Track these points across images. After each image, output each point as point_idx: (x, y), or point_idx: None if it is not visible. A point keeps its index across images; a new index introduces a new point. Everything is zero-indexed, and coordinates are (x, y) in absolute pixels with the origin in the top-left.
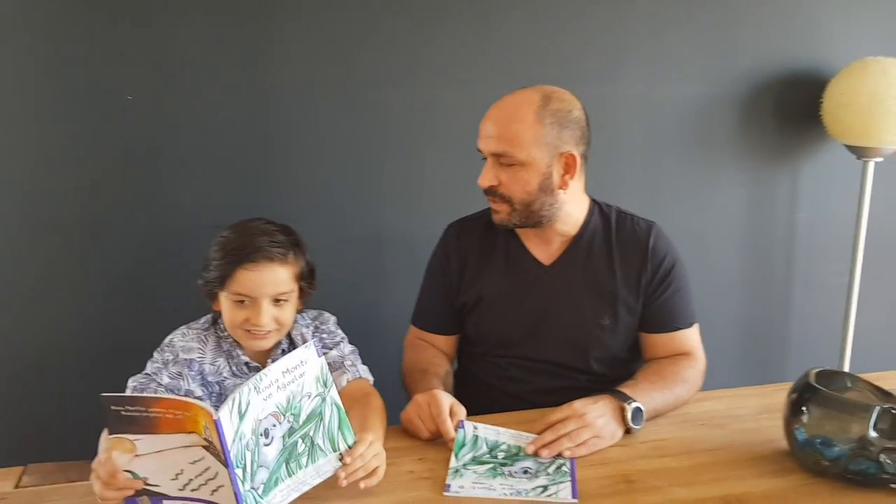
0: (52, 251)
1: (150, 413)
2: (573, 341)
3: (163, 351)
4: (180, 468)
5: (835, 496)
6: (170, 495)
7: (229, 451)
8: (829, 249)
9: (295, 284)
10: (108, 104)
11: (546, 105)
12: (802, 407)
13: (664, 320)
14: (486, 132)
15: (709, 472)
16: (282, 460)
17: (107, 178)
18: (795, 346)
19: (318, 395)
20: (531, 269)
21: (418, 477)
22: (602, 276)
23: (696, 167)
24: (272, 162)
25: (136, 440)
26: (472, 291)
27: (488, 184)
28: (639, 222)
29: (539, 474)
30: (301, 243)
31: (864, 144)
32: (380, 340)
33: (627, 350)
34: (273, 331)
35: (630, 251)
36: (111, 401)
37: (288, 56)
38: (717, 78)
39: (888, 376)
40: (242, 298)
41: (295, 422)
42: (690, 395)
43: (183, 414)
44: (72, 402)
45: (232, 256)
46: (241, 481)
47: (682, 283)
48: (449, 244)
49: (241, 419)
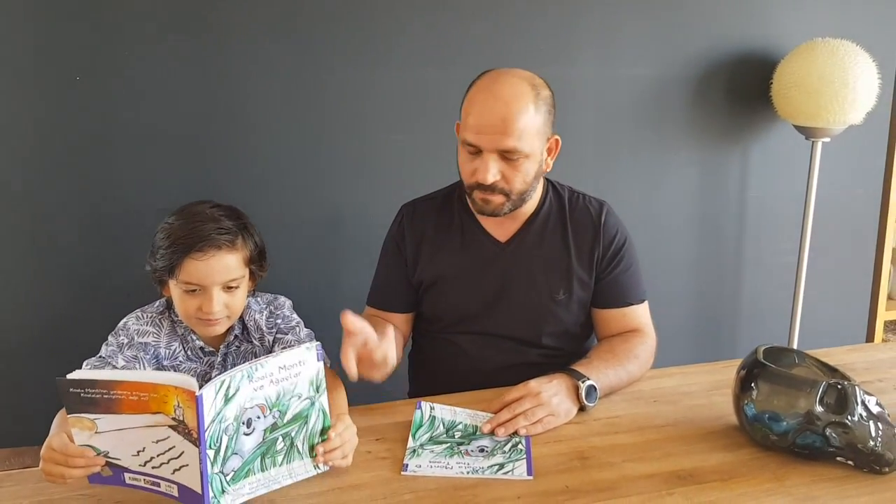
0: (3, 236)
1: (113, 395)
2: (528, 316)
3: (117, 334)
4: (142, 445)
5: (783, 469)
6: (131, 469)
7: (205, 430)
8: (779, 228)
9: (245, 269)
10: (56, 85)
11: (538, 94)
12: (751, 383)
13: (616, 296)
14: (490, 129)
15: (661, 447)
16: (258, 453)
17: (55, 162)
18: (746, 324)
19: (307, 399)
20: (488, 246)
21: (376, 457)
22: (556, 252)
23: (648, 148)
24: (225, 143)
25: (97, 419)
26: (429, 270)
27: (493, 180)
28: (591, 201)
29: (495, 452)
30: (249, 226)
31: (812, 125)
32: (336, 323)
33: (580, 326)
34: (224, 318)
35: (583, 228)
36: (69, 384)
37: (241, 34)
38: (669, 59)
39: (835, 352)
40: (192, 288)
41: (280, 419)
42: (642, 372)
43: (149, 395)
44: (25, 389)
45: (178, 246)
46: (212, 462)
47: (633, 260)
48: (403, 224)
49: (227, 402)
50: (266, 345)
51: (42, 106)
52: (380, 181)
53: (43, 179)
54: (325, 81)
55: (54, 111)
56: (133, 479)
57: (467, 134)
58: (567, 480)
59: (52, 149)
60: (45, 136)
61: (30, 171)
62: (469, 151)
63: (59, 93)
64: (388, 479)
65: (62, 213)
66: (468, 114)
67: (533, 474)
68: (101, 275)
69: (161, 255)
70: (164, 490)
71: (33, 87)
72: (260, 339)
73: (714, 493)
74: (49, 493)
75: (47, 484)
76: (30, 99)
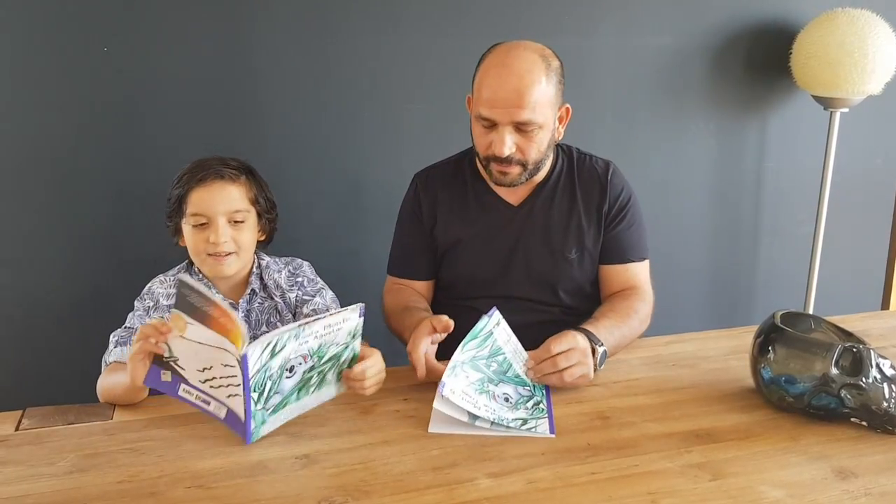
0: (38, 203)
1: (208, 310)
2: (543, 276)
3: (143, 299)
4: (211, 364)
5: (798, 429)
6: (190, 381)
7: (249, 379)
8: (796, 198)
9: (251, 207)
10: (85, 57)
11: (548, 66)
12: (769, 346)
13: (618, 251)
14: (504, 102)
15: (679, 408)
16: (295, 389)
17: (84, 132)
18: (762, 293)
19: (344, 344)
20: (501, 210)
21: (404, 416)
22: (567, 212)
23: (667, 117)
24: (251, 112)
25: (190, 324)
26: (445, 236)
27: (509, 152)
28: (597, 160)
29: (518, 406)
30: (255, 172)
31: (831, 95)
32: (357, 289)
33: (591, 284)
34: (233, 254)
35: (590, 186)
36: (182, 284)
37: (267, 3)
38: (688, 29)
39: (850, 319)
40: (200, 220)
41: (318, 362)
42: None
43: (231, 326)
44: (65, 349)
45: (185, 180)
46: (255, 402)
47: (637, 217)
48: (419, 191)
49: (273, 357)
50: (288, 301)
51: (70, 76)
52: (404, 149)
53: (71, 149)
54: (350, 50)
55: (84, 81)
56: (186, 391)
57: (481, 108)
58: (589, 438)
59: (81, 118)
60: (74, 107)
61: (58, 142)
62: (483, 125)
63: (87, 63)
64: (417, 436)
65: (91, 182)
66: (481, 88)
67: (555, 432)
68: (131, 243)
69: (172, 196)
70: (213, 410)
71: (61, 58)
72: (281, 296)
73: (731, 452)
74: (94, 446)
75: (90, 439)
76: (58, 70)
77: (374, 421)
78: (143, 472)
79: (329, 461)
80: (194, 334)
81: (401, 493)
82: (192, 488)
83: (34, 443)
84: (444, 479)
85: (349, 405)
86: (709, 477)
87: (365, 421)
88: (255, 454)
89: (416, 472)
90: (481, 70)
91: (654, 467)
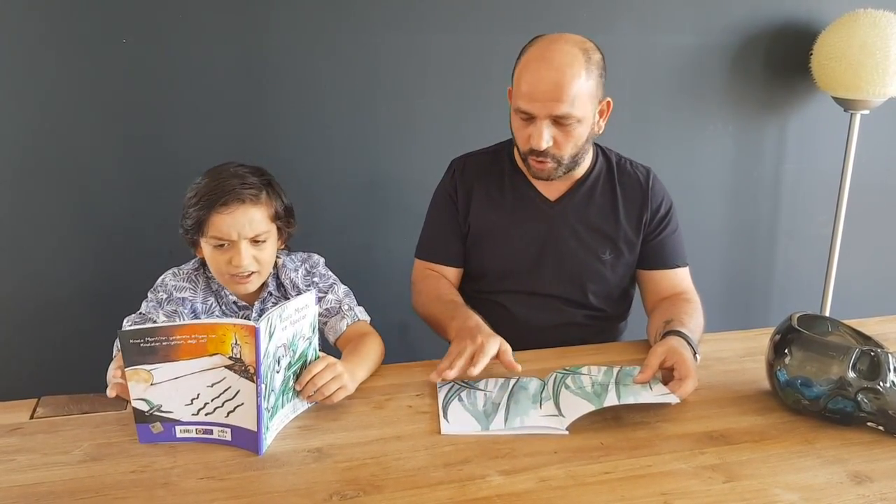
0: (54, 195)
1: (172, 341)
2: (573, 274)
3: (156, 291)
4: (196, 392)
5: (813, 432)
6: (183, 420)
7: (262, 362)
8: (814, 200)
9: (271, 224)
10: (103, 48)
11: (589, 59)
12: (785, 349)
13: (664, 257)
14: (542, 96)
15: (694, 409)
16: (282, 390)
17: (101, 123)
18: (778, 295)
19: (308, 339)
20: (537, 203)
21: (417, 412)
22: (604, 213)
23: (686, 117)
24: (266, 107)
25: (154, 369)
26: (477, 224)
27: (547, 146)
28: (638, 166)
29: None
30: (274, 183)
31: (852, 97)
32: (371, 284)
33: (622, 290)
34: (255, 273)
35: (631, 191)
36: (130, 335)
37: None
38: (709, 28)
39: (868, 322)
40: (221, 242)
41: (292, 357)
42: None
43: (207, 337)
44: (79, 339)
45: (205, 202)
46: (265, 397)
47: (677, 224)
48: (456, 177)
49: (269, 340)
50: None
51: (89, 68)
52: (419, 144)
53: (90, 140)
54: (366, 46)
55: (102, 73)
56: (184, 431)
57: (520, 101)
58: (602, 438)
59: (99, 110)
60: (92, 98)
61: (76, 133)
62: (522, 118)
63: (106, 55)
64: (429, 432)
65: (107, 175)
66: (520, 81)
67: (569, 430)
68: (146, 234)
69: (190, 215)
70: (217, 436)
71: (81, 49)
72: (297, 295)
73: (745, 454)
74: (107, 436)
75: (104, 428)
76: (77, 61)
77: (386, 416)
78: (155, 463)
79: (341, 455)
80: (164, 375)
81: (412, 488)
82: (204, 479)
83: (48, 431)
84: (455, 476)
85: (362, 400)
86: (723, 479)
87: (377, 416)
88: (268, 447)
89: (427, 467)
90: (521, 63)
91: (667, 468)
